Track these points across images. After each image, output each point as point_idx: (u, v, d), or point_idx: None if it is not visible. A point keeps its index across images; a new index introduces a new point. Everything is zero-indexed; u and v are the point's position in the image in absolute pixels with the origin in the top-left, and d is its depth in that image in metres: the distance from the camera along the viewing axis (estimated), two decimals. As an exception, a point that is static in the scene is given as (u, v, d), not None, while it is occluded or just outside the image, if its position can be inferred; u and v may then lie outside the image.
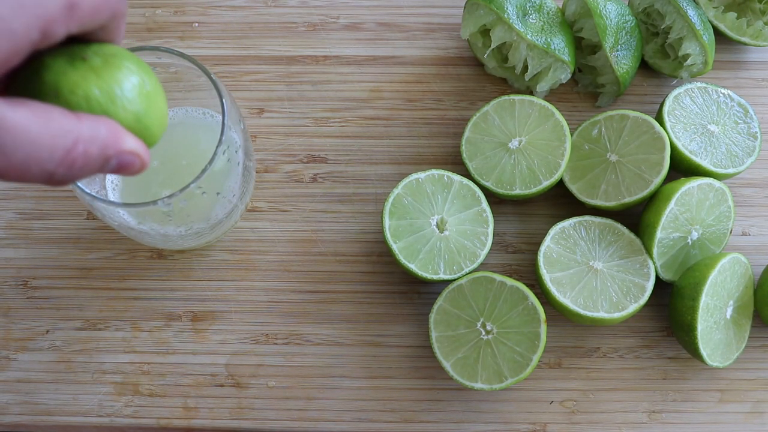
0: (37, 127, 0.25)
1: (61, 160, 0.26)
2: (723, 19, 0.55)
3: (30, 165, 0.25)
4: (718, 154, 0.50)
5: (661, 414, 0.49)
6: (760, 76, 0.57)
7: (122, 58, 0.30)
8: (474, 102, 0.56)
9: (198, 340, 0.50)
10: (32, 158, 0.25)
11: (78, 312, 0.51)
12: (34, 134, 0.25)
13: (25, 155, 0.25)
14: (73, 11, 0.25)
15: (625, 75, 0.52)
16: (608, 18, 0.51)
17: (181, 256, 0.52)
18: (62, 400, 0.49)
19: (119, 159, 0.28)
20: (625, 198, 0.49)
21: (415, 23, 0.58)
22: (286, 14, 0.58)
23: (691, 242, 0.49)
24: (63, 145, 0.26)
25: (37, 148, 0.25)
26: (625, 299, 0.47)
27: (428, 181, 0.49)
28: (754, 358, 0.50)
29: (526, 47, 0.52)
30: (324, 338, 0.51)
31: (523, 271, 0.52)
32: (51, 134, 0.26)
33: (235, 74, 0.56)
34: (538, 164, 0.50)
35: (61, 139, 0.26)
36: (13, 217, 0.53)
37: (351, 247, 0.52)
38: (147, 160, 0.30)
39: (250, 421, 0.49)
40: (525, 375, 0.45)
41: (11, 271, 0.52)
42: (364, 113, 0.55)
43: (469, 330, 0.47)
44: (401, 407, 0.49)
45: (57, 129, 0.26)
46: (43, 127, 0.25)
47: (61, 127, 0.26)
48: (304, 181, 0.54)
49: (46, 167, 0.26)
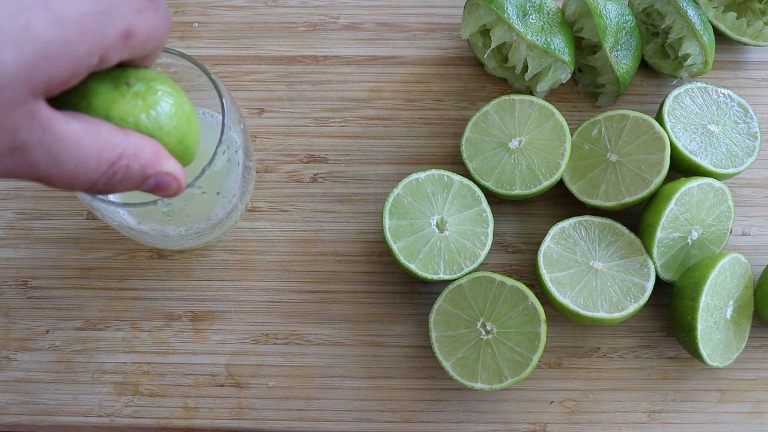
0: (88, 140, 0.27)
1: (105, 171, 0.28)
2: (723, 19, 0.55)
3: (78, 174, 0.27)
4: (718, 154, 0.50)
5: (661, 414, 0.49)
6: (760, 76, 0.57)
7: (160, 82, 0.32)
8: (474, 102, 0.56)
9: (198, 340, 0.50)
10: (80, 168, 0.27)
11: (78, 312, 0.51)
12: (84, 146, 0.27)
13: (75, 165, 0.27)
14: (128, 41, 0.27)
15: (625, 75, 0.52)
16: (608, 18, 0.52)
17: (181, 256, 0.52)
18: (62, 400, 0.49)
19: (157, 179, 0.30)
20: (625, 198, 0.49)
21: (415, 23, 0.58)
22: (286, 14, 0.58)
23: (691, 242, 0.49)
24: (109, 158, 0.28)
25: (86, 159, 0.27)
26: (625, 299, 0.47)
27: (428, 181, 0.49)
28: (754, 358, 0.50)
29: (526, 47, 0.52)
30: (324, 338, 0.51)
31: (523, 271, 0.52)
32: (99, 147, 0.28)
33: (235, 74, 0.56)
34: (538, 164, 0.50)
35: (107, 152, 0.28)
36: (13, 217, 0.53)
37: (351, 247, 0.52)
38: (184, 183, 0.32)
39: (250, 421, 0.49)
40: (525, 375, 0.45)
41: (11, 271, 0.52)
42: (364, 113, 0.55)
43: (469, 330, 0.47)
44: (401, 407, 0.49)
45: (104, 142, 0.28)
46: (92, 140, 0.27)
47: (108, 140, 0.28)
48: (304, 181, 0.54)
49: (91, 177, 0.28)
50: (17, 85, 0.24)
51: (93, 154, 0.27)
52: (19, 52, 0.24)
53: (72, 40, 0.25)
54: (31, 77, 0.24)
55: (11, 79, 0.24)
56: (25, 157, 0.26)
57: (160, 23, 0.29)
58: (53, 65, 0.25)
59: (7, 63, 0.24)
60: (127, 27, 0.27)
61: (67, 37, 0.25)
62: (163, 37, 0.30)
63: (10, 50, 0.24)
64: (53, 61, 0.25)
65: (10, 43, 0.24)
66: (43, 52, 0.24)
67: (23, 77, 0.24)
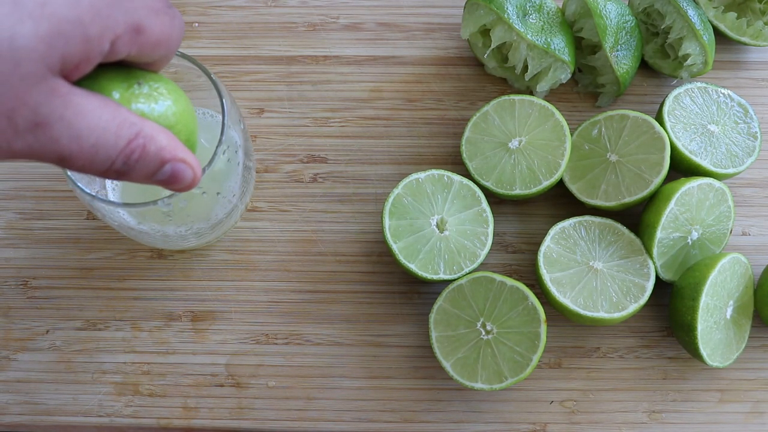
0: (108, 114, 0.28)
1: (123, 148, 0.28)
2: (723, 19, 0.55)
3: (98, 150, 0.28)
4: (718, 154, 0.50)
5: (661, 414, 0.49)
6: (760, 76, 0.57)
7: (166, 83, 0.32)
8: (474, 102, 0.56)
9: (198, 340, 0.50)
10: (101, 143, 0.28)
11: (78, 312, 0.51)
12: (104, 120, 0.28)
13: (96, 140, 0.27)
14: (138, 35, 0.28)
15: (625, 75, 0.52)
16: (608, 18, 0.52)
17: (181, 256, 0.52)
18: (62, 400, 0.49)
19: (174, 167, 0.31)
20: (625, 198, 0.49)
21: (415, 23, 0.58)
22: (286, 14, 0.58)
23: (691, 242, 0.49)
24: (127, 134, 0.28)
25: (105, 134, 0.28)
26: (625, 299, 0.47)
27: (428, 181, 0.49)
28: (754, 358, 0.50)
29: (526, 47, 0.52)
30: (324, 338, 0.51)
31: (523, 271, 0.52)
32: (118, 123, 0.28)
33: (235, 74, 0.56)
34: (538, 164, 0.50)
35: (126, 129, 0.28)
36: (13, 217, 0.53)
37: (351, 247, 0.52)
38: (199, 175, 0.32)
39: (250, 421, 0.49)
40: (525, 375, 0.45)
41: (11, 271, 0.52)
42: (364, 113, 0.55)
43: (469, 330, 0.47)
44: (401, 407, 0.49)
45: (123, 119, 0.28)
46: (112, 115, 0.28)
47: (126, 119, 0.29)
48: (304, 181, 0.54)
49: (110, 154, 0.28)
50: (36, 58, 0.25)
51: (113, 129, 0.28)
52: (36, 27, 0.24)
53: (84, 20, 0.26)
54: (47, 53, 0.25)
55: (30, 53, 0.25)
56: (46, 133, 0.26)
57: (174, 32, 0.30)
58: (67, 43, 0.25)
59: (26, 37, 0.24)
60: (140, 22, 0.28)
61: (80, 17, 0.25)
62: (174, 45, 0.30)
63: (28, 24, 0.24)
64: (67, 39, 0.25)
65: (29, 18, 0.24)
66: (57, 29, 0.25)
67: (41, 51, 0.25)
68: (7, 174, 0.54)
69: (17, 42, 0.24)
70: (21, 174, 0.54)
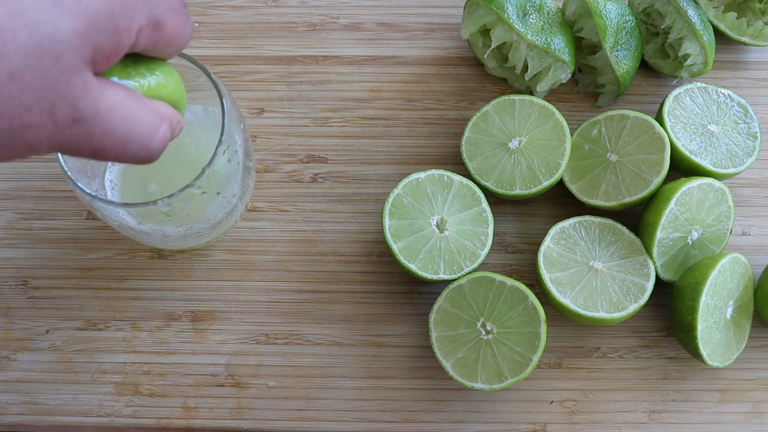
0: (136, 105, 0.29)
1: (155, 133, 0.30)
2: (723, 19, 0.55)
3: (132, 139, 0.29)
4: (718, 154, 0.50)
5: (661, 414, 0.49)
6: (760, 76, 0.57)
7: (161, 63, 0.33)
8: (474, 102, 0.56)
9: (198, 340, 0.50)
10: (134, 133, 0.29)
11: (78, 312, 0.51)
12: (134, 111, 0.29)
13: (128, 130, 0.28)
14: (157, 30, 0.29)
15: (625, 75, 0.52)
16: (608, 18, 0.52)
17: (181, 256, 0.52)
18: (62, 400, 0.49)
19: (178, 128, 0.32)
20: (625, 198, 0.49)
21: (415, 23, 0.58)
22: (286, 14, 0.58)
23: (691, 242, 0.49)
24: (155, 120, 0.30)
25: (138, 123, 0.29)
26: (625, 299, 0.47)
27: (428, 181, 0.49)
28: (754, 358, 0.50)
29: (526, 47, 0.52)
30: (324, 338, 0.51)
31: (523, 271, 0.52)
32: (146, 111, 0.29)
33: (235, 74, 0.56)
34: (538, 164, 0.50)
35: (152, 114, 0.30)
36: (13, 217, 0.53)
37: (351, 247, 0.52)
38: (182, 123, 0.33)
39: (250, 421, 0.49)
40: (525, 375, 0.45)
41: (11, 271, 0.52)
42: (364, 113, 0.55)
43: (469, 330, 0.47)
44: (401, 407, 0.49)
45: (147, 107, 0.29)
46: (138, 105, 0.29)
47: (146, 104, 0.29)
48: (304, 181, 0.54)
49: (142, 141, 0.29)
50: (74, 51, 0.26)
51: (142, 118, 0.29)
52: (74, 22, 0.25)
53: (115, 12, 0.27)
54: (82, 45, 0.26)
55: (68, 46, 0.25)
56: (82, 129, 0.27)
57: (185, 31, 0.31)
58: (99, 34, 0.26)
59: (66, 31, 0.25)
60: (161, 18, 0.29)
61: (111, 9, 0.26)
62: (183, 44, 0.31)
63: (68, 19, 0.25)
64: (99, 31, 0.26)
65: (68, 13, 0.25)
66: (92, 22, 0.26)
67: (77, 45, 0.26)
68: (7, 174, 0.54)
69: (58, 36, 0.25)
70: (21, 174, 0.54)
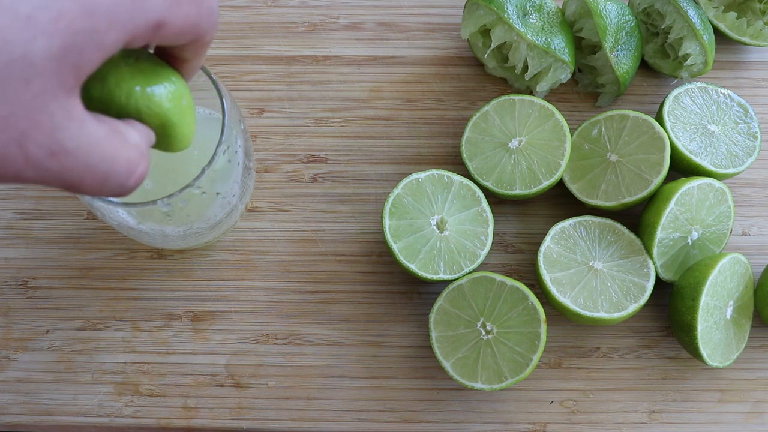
0: (118, 142, 0.27)
1: (134, 171, 0.28)
2: (723, 19, 0.55)
3: (110, 177, 0.27)
4: (718, 154, 0.50)
5: (661, 414, 0.49)
6: (760, 76, 0.57)
7: (169, 69, 0.31)
8: (474, 102, 0.56)
9: (198, 340, 0.50)
10: (112, 171, 0.27)
11: (78, 312, 0.51)
12: (116, 149, 0.27)
13: (107, 168, 0.27)
14: (158, 31, 0.27)
15: (625, 75, 0.52)
16: (608, 18, 0.52)
17: (181, 256, 0.52)
18: (62, 400, 0.49)
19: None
20: (625, 198, 0.49)
21: (415, 23, 0.58)
22: (286, 14, 0.58)
23: (691, 242, 0.49)
24: (135, 158, 0.28)
25: (118, 162, 0.27)
26: (625, 299, 0.47)
27: (428, 181, 0.49)
28: (754, 358, 0.50)
29: (526, 47, 0.52)
30: (324, 338, 0.51)
31: (523, 271, 0.52)
32: (127, 149, 0.28)
33: (235, 74, 0.56)
34: (538, 164, 0.50)
35: (134, 152, 0.28)
36: (13, 217, 0.53)
37: (351, 247, 0.52)
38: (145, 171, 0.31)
39: (250, 421, 0.49)
40: (525, 375, 0.45)
41: (11, 271, 0.52)
42: (364, 113, 0.55)
43: (469, 330, 0.47)
44: (401, 407, 0.49)
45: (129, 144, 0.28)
46: (120, 144, 0.27)
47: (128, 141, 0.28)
48: (304, 181, 0.54)
49: (121, 181, 0.28)
50: (48, 76, 0.24)
51: (123, 156, 0.27)
52: (48, 44, 0.24)
53: (100, 29, 0.25)
54: (59, 69, 0.24)
55: (42, 70, 0.24)
56: (61, 162, 0.25)
57: (201, 19, 0.28)
58: (79, 55, 0.24)
59: (38, 54, 0.23)
60: (160, 18, 0.26)
61: (95, 26, 0.24)
62: (203, 30, 0.29)
63: (41, 41, 0.23)
64: (80, 50, 0.24)
65: (42, 35, 0.23)
66: (70, 43, 0.24)
67: (53, 69, 0.24)
68: (7, 174, 0.53)
69: (29, 59, 0.23)
70: (21, 174, 0.54)
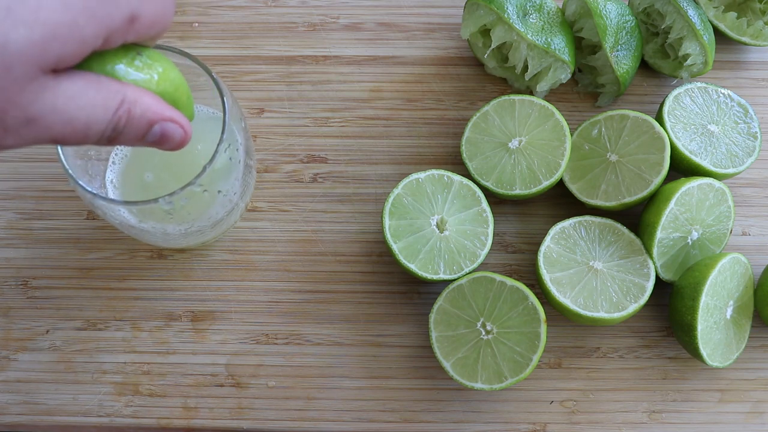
0: (92, 90, 0.29)
1: (111, 118, 0.29)
2: (723, 18, 0.55)
3: (90, 126, 0.29)
4: (718, 154, 0.50)
5: (661, 414, 0.49)
6: (760, 76, 0.57)
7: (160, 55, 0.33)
8: (474, 102, 0.56)
9: (198, 340, 0.50)
10: (91, 119, 0.29)
11: (78, 312, 0.51)
12: (91, 97, 0.29)
13: (86, 117, 0.29)
14: (133, 24, 0.29)
15: (625, 75, 0.52)
16: (608, 18, 0.52)
17: (181, 256, 0.52)
18: (62, 400, 0.49)
19: (162, 127, 0.32)
20: (625, 198, 0.49)
21: (415, 23, 0.58)
22: (286, 14, 0.58)
23: (691, 242, 0.49)
24: (113, 103, 0.29)
25: (95, 109, 0.29)
26: (625, 299, 0.47)
27: (428, 181, 0.49)
28: (754, 358, 0.51)
29: (527, 47, 0.52)
30: (324, 338, 0.51)
31: (523, 271, 0.52)
32: (103, 95, 0.29)
33: (235, 74, 0.56)
34: (538, 164, 0.50)
35: (110, 99, 0.29)
36: (13, 217, 0.53)
37: (351, 247, 0.52)
38: (189, 132, 0.33)
39: (250, 421, 0.49)
40: (525, 375, 0.45)
41: (11, 271, 0.52)
42: (364, 113, 0.55)
43: (469, 330, 0.47)
44: (401, 407, 0.49)
45: (107, 90, 0.29)
46: (96, 90, 0.29)
47: (109, 88, 0.29)
48: (304, 181, 0.54)
49: (101, 126, 0.29)
50: (28, 62, 0.26)
51: (100, 103, 0.29)
52: (29, 33, 0.26)
53: (79, 23, 0.27)
54: (40, 56, 0.26)
55: (21, 57, 0.26)
56: (40, 125, 0.28)
57: (166, 10, 0.31)
58: (62, 46, 0.26)
59: (18, 42, 0.25)
60: (133, 12, 0.29)
61: (74, 20, 0.26)
62: (167, 21, 0.31)
63: (21, 31, 0.25)
64: (62, 42, 0.26)
65: (22, 25, 0.25)
66: (52, 34, 0.26)
67: (34, 56, 0.26)
68: (7, 174, 0.54)
69: (9, 47, 0.25)
70: (21, 174, 0.54)
